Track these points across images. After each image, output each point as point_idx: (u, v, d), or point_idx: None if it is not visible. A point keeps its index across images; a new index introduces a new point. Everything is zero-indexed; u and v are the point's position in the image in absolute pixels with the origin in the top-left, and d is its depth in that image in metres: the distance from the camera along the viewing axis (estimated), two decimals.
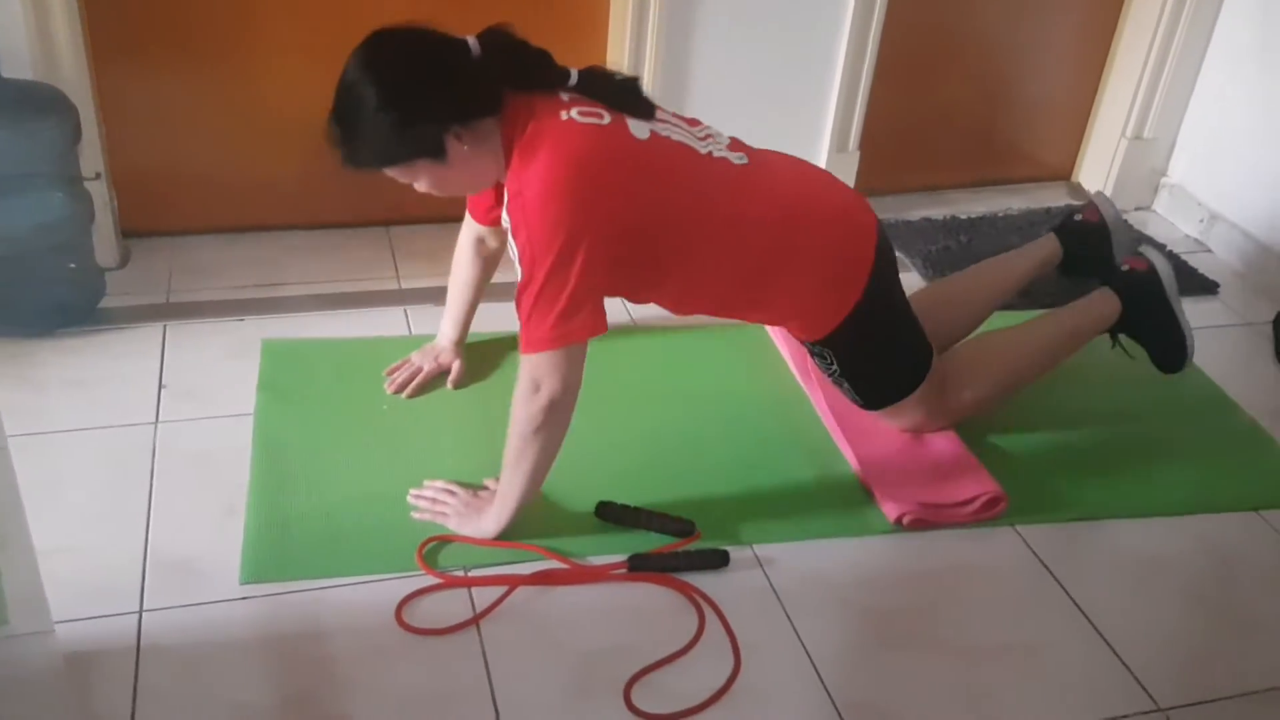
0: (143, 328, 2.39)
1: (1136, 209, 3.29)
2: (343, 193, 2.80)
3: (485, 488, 1.98)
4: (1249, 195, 3.00)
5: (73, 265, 2.34)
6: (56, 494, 1.93)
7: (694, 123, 1.96)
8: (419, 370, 2.26)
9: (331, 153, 1.78)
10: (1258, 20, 2.95)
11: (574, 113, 1.77)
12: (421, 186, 1.85)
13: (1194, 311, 2.25)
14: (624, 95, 1.84)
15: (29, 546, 1.59)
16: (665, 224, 1.82)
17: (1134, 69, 3.13)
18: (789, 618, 1.82)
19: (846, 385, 2.11)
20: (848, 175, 3.00)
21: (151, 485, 1.97)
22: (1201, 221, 3.13)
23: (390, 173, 1.82)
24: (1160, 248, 2.94)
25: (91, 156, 2.42)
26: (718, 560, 1.89)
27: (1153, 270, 2.22)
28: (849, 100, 2.89)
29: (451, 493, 1.96)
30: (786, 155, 2.07)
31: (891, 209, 3.15)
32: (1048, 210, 3.19)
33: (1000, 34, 3.14)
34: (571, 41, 2.76)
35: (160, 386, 2.22)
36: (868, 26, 2.80)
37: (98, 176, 2.44)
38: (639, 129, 1.82)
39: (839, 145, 2.95)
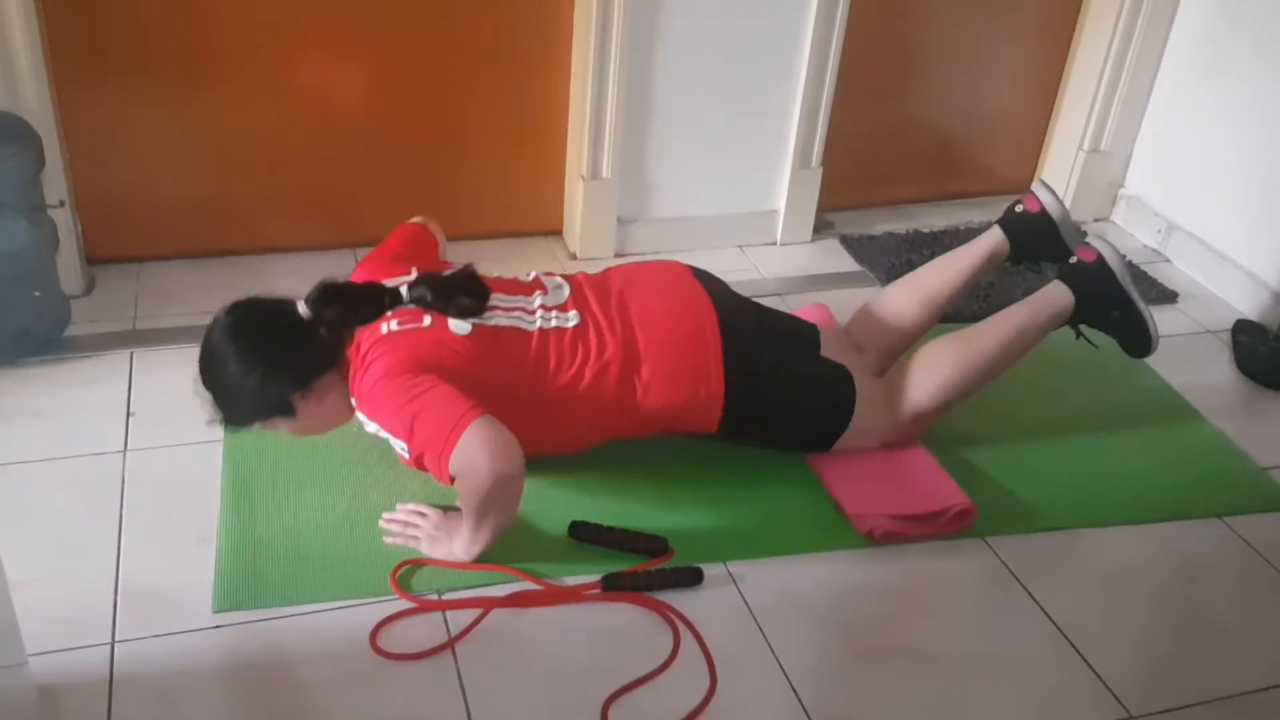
0: (109, 355, 2.37)
1: (1095, 220, 3.33)
2: (309, 215, 2.80)
3: (456, 508, 1.98)
4: (1205, 205, 3.05)
5: (37, 294, 2.33)
6: (25, 525, 1.91)
7: (532, 289, 2.05)
8: None
9: (208, 410, 1.93)
10: (1208, 35, 3.00)
11: (394, 324, 1.93)
12: (284, 433, 2.01)
13: (1157, 322, 2.27)
14: (451, 296, 1.93)
15: (2, 579, 1.58)
16: (500, 405, 1.84)
17: (1089, 84, 3.18)
18: (764, 634, 1.82)
19: (782, 447, 2.17)
20: (811, 191, 3.02)
21: (121, 514, 1.96)
22: (1159, 231, 3.18)
23: (255, 427, 1.98)
24: (1111, 246, 2.98)
25: (55, 184, 2.41)
26: (691, 578, 1.90)
27: (1101, 259, 2.24)
28: (811, 118, 2.91)
29: (423, 515, 1.97)
30: (628, 271, 2.16)
31: (854, 224, 3.18)
32: None
33: (958, 50, 3.18)
34: (536, 65, 2.77)
35: (128, 414, 2.21)
36: (828, 45, 2.82)
37: (62, 204, 2.43)
38: (459, 327, 1.93)
39: (802, 162, 2.97)
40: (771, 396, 2.10)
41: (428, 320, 1.93)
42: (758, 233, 3.05)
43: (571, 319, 2.01)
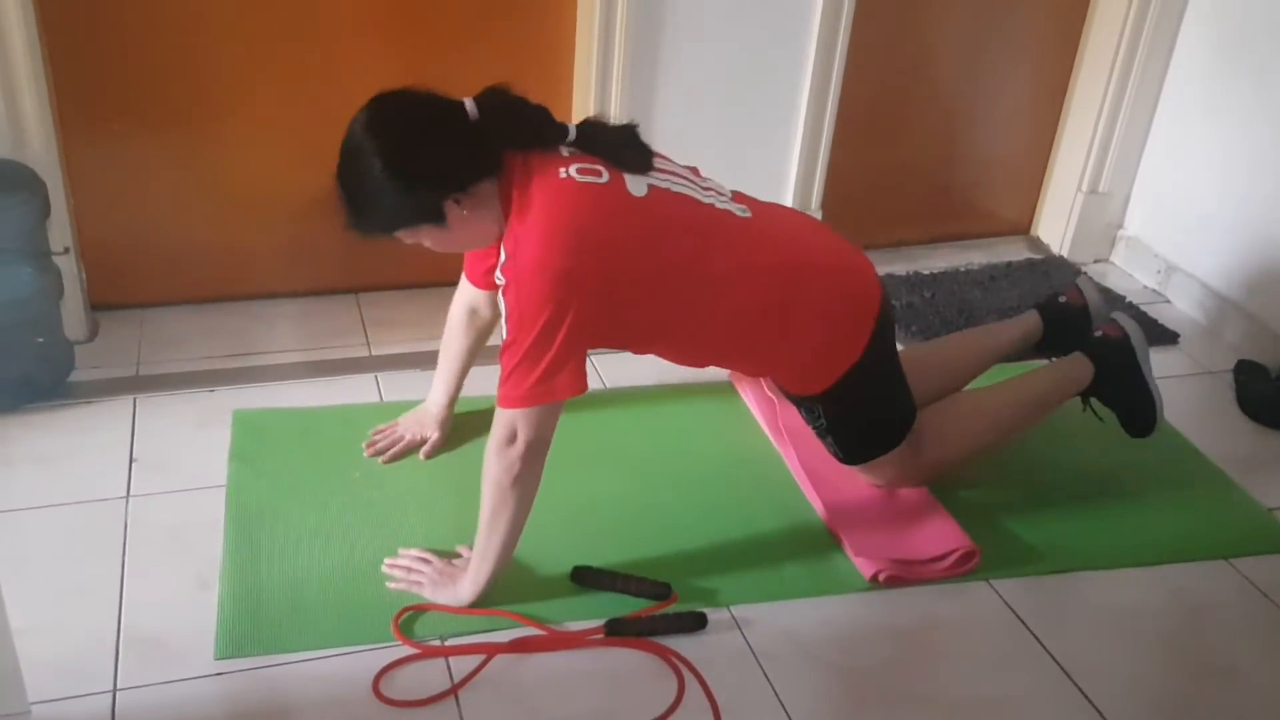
0: (112, 401, 2.38)
1: (1095, 261, 3.34)
2: (310, 261, 2.81)
3: (459, 555, 1.98)
4: (1204, 246, 3.06)
5: (41, 340, 2.33)
6: (27, 572, 1.91)
7: (695, 172, 1.99)
8: (400, 439, 2.26)
9: (337, 214, 1.79)
10: (1205, 75, 3.02)
11: (573, 170, 1.79)
12: (426, 244, 1.87)
13: (1155, 361, 2.28)
14: (621, 148, 1.85)
15: (5, 627, 1.57)
16: (663, 279, 1.83)
17: (1087, 125, 3.20)
18: (768, 679, 1.82)
19: (830, 439, 2.13)
20: None
21: (124, 561, 1.96)
22: (1159, 272, 3.19)
23: (395, 235, 1.84)
24: (1120, 299, 3.00)
25: (60, 231, 2.42)
26: (695, 623, 1.89)
27: (1125, 336, 2.26)
28: (810, 160, 2.93)
29: (426, 561, 1.96)
30: (794, 211, 2.11)
31: None
32: (1008, 264, 3.24)
33: (957, 93, 3.20)
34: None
35: (131, 460, 2.21)
36: (826, 88, 2.85)
37: (66, 251, 2.44)
38: (636, 185, 1.83)
39: (802, 204, 2.98)
40: (879, 388, 2.08)
41: (606, 176, 1.80)
42: None
43: (742, 211, 1.94)
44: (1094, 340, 2.30)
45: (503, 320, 1.79)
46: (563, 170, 1.78)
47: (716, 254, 1.88)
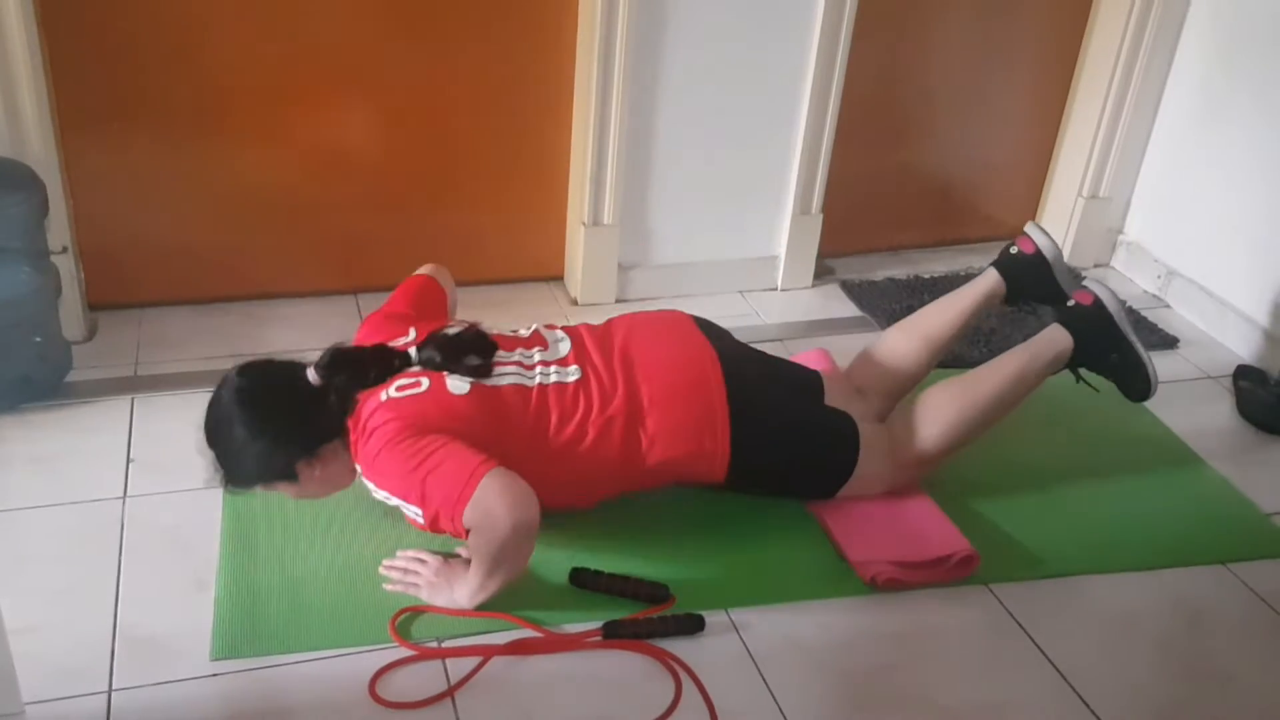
0: (110, 401, 2.37)
1: (1095, 265, 3.34)
2: (310, 262, 2.81)
3: (456, 555, 1.98)
4: (1204, 251, 3.06)
5: (39, 339, 2.33)
6: (23, 572, 1.91)
7: (532, 343, 2.05)
8: None
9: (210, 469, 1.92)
10: (1205, 81, 3.02)
11: (392, 390, 1.92)
12: (288, 495, 1.99)
13: (1155, 364, 2.28)
14: (459, 356, 1.94)
15: (0, 627, 1.57)
16: (506, 463, 1.85)
17: (1088, 130, 3.20)
18: (765, 682, 1.81)
19: (786, 496, 2.16)
20: (811, 237, 3.04)
21: (120, 561, 1.95)
22: (1159, 277, 3.19)
23: (257, 489, 1.97)
24: (1108, 289, 2.98)
25: (59, 231, 2.42)
26: (693, 626, 1.89)
27: (1099, 301, 2.25)
28: (811, 164, 2.93)
29: (423, 561, 1.96)
30: (630, 322, 2.15)
31: (855, 269, 3.19)
32: None
33: (957, 97, 3.20)
34: (538, 113, 2.80)
35: (128, 460, 2.20)
36: (827, 92, 2.85)
37: (65, 250, 2.44)
38: (457, 386, 1.92)
39: (802, 208, 2.98)
40: (777, 447, 2.09)
41: (426, 383, 1.93)
42: (759, 278, 3.06)
43: (572, 374, 2.01)
44: (1067, 310, 2.28)
45: (417, 517, 1.89)
46: (383, 394, 1.92)
47: (552, 433, 1.96)
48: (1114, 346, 2.24)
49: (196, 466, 2.14)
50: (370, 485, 1.93)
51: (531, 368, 2.01)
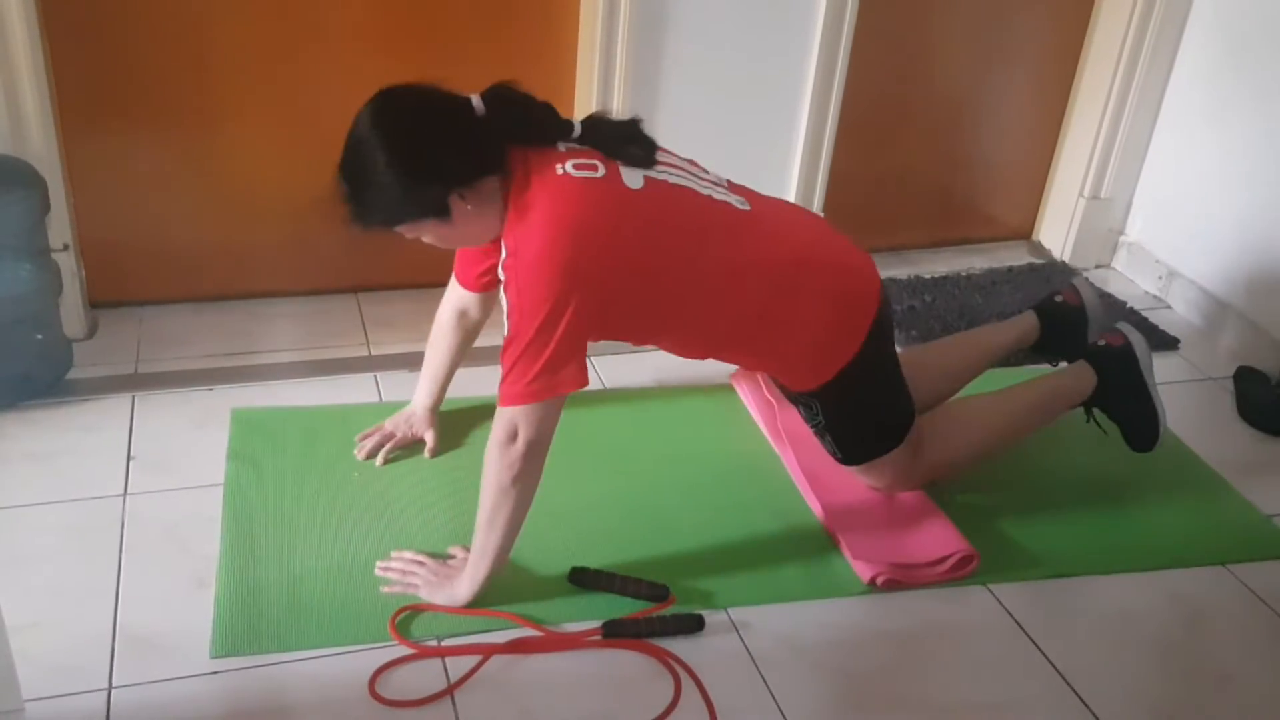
0: (110, 398, 2.37)
1: (1096, 266, 3.34)
2: (311, 260, 2.81)
3: (453, 556, 1.98)
4: (1205, 252, 3.06)
5: (39, 337, 2.33)
6: (23, 569, 1.90)
7: (694, 164, 1.99)
8: (390, 436, 2.25)
9: (338, 208, 1.79)
10: (1207, 81, 3.02)
11: (569, 166, 1.79)
12: (427, 239, 1.87)
13: (1156, 367, 2.28)
14: (622, 143, 1.86)
15: (0, 624, 1.57)
16: (659, 271, 1.83)
17: (1089, 131, 3.20)
18: (765, 682, 1.81)
19: (829, 438, 2.12)
20: None
21: (120, 559, 1.95)
22: (1160, 278, 3.19)
23: (398, 229, 1.84)
24: (1122, 306, 2.99)
25: (59, 228, 2.42)
26: (693, 625, 1.89)
27: (1128, 344, 2.25)
28: (812, 164, 2.93)
29: (420, 563, 1.96)
30: (794, 206, 2.12)
31: None
32: (1009, 269, 3.24)
33: (959, 98, 3.20)
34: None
35: (129, 458, 2.20)
36: (829, 92, 2.85)
37: (65, 248, 2.44)
38: (632, 178, 1.83)
39: (803, 207, 2.98)
40: (878, 385, 2.07)
41: (602, 170, 1.81)
42: None
43: (742, 203, 1.94)
44: (1096, 349, 2.29)
45: (504, 318, 1.79)
46: (559, 166, 1.79)
47: (715, 246, 1.88)
48: (1134, 393, 2.25)
49: (197, 464, 2.16)
50: (502, 257, 1.79)
51: (702, 180, 1.94)
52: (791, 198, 2.96)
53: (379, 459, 2.22)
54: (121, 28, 2.45)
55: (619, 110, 2.68)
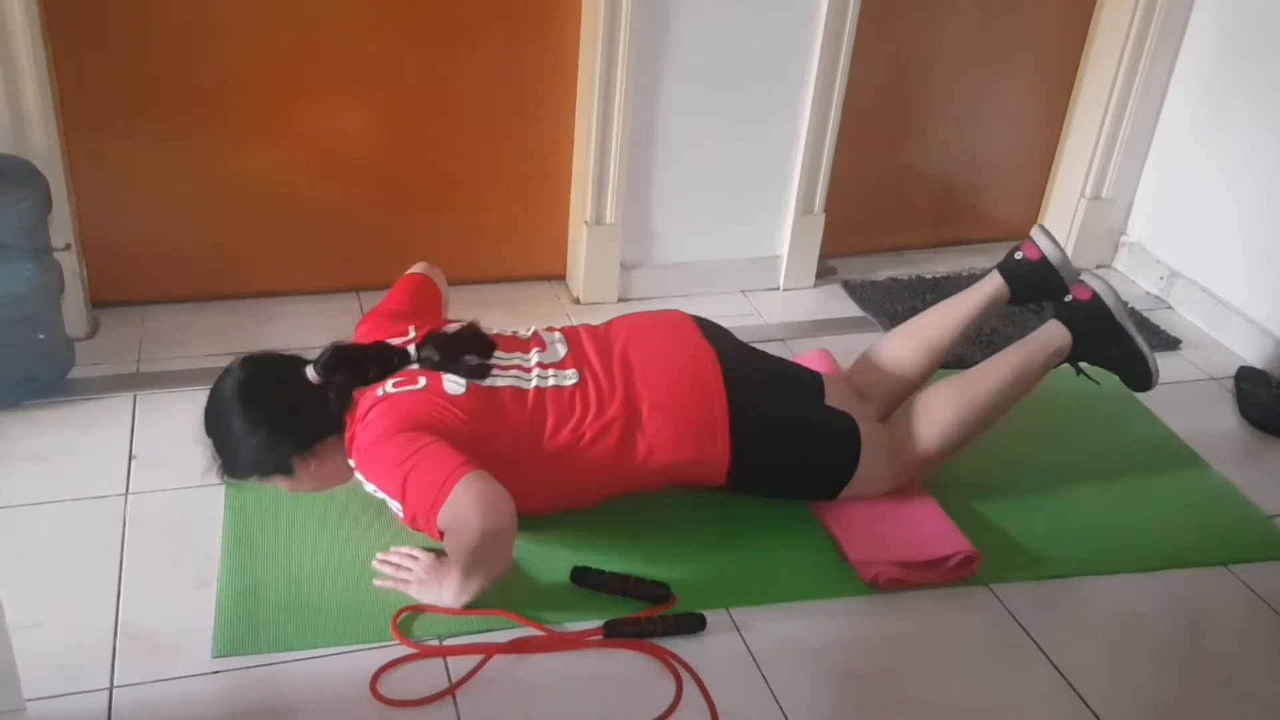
0: (112, 398, 2.37)
1: (1098, 267, 3.34)
2: (312, 259, 2.81)
3: (446, 553, 1.98)
4: (1207, 252, 3.06)
5: (41, 336, 2.33)
6: (25, 569, 1.91)
7: (529, 345, 2.05)
8: None
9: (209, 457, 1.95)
10: (1208, 82, 3.02)
11: (389, 386, 1.93)
12: (283, 489, 2.02)
13: (1155, 356, 2.27)
14: (456, 355, 1.96)
15: (1, 623, 1.57)
16: (499, 464, 1.84)
17: (1090, 131, 3.20)
18: (766, 682, 1.81)
19: (789, 497, 2.16)
20: (814, 237, 3.04)
21: (122, 558, 1.95)
22: (1161, 279, 3.19)
23: (253, 481, 2.00)
24: (1105, 283, 2.98)
25: (61, 228, 2.42)
26: (694, 625, 1.89)
27: (1096, 296, 2.24)
28: (813, 164, 2.93)
29: (415, 559, 1.96)
30: (630, 324, 2.15)
31: (857, 270, 3.19)
32: None
33: (960, 98, 3.20)
34: (540, 112, 2.80)
35: (130, 457, 2.20)
36: (830, 92, 2.85)
37: (68, 247, 2.44)
38: (454, 386, 1.93)
39: (804, 208, 2.98)
40: (779, 450, 2.09)
41: (423, 381, 1.93)
42: (761, 278, 3.06)
43: (570, 377, 2.00)
44: (1065, 306, 2.27)
45: (399, 513, 1.89)
46: (379, 390, 1.92)
47: (548, 436, 1.95)
48: (1113, 340, 2.24)
49: (198, 463, 2.15)
50: (361, 478, 1.93)
51: (529, 370, 2.01)
52: (792, 199, 2.96)
53: None
54: (123, 27, 2.45)
55: (619, 109, 2.69)
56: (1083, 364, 2.27)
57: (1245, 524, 2.28)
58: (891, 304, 2.99)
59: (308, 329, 2.68)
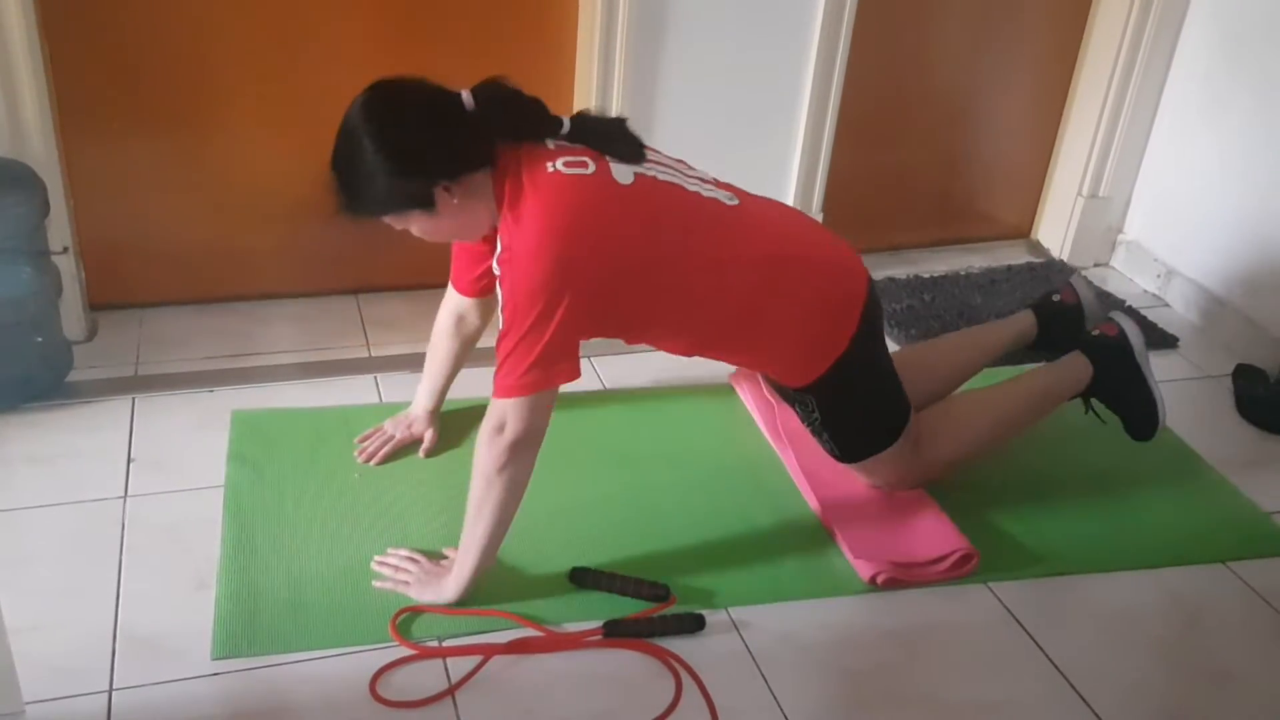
0: (111, 401, 2.37)
1: (1095, 265, 3.34)
2: (310, 262, 2.81)
3: (445, 557, 1.98)
4: (1204, 250, 3.06)
5: (39, 339, 2.33)
6: (24, 572, 1.91)
7: (682, 163, 2.00)
8: (390, 438, 2.26)
9: (328, 198, 1.81)
10: (1205, 80, 3.02)
11: (559, 164, 1.80)
12: (415, 231, 1.88)
13: (1155, 366, 2.28)
14: (611, 140, 1.87)
15: (0, 626, 1.57)
16: (651, 266, 1.84)
17: (1088, 130, 3.21)
18: (766, 681, 1.81)
19: (826, 435, 2.12)
20: None
21: (121, 560, 1.95)
22: (1159, 277, 3.19)
23: (385, 219, 1.85)
24: (1120, 304, 2.99)
25: (59, 231, 2.42)
26: (693, 624, 1.89)
27: (1123, 335, 2.26)
28: (811, 164, 2.93)
29: (414, 560, 1.96)
30: (780, 204, 2.11)
31: None
32: (1008, 268, 3.24)
33: (957, 97, 3.20)
34: None
35: (129, 460, 2.20)
36: (827, 92, 2.85)
37: (65, 250, 2.44)
38: (623, 174, 1.84)
39: (802, 207, 2.98)
40: (868, 381, 2.08)
41: (592, 167, 1.82)
42: None
43: (730, 198, 1.95)
44: (1091, 339, 2.29)
45: (499, 311, 1.80)
46: (550, 164, 1.80)
47: (704, 242, 1.89)
48: (1131, 382, 2.25)
49: (198, 465, 2.16)
50: (497, 253, 1.83)
51: (690, 176, 1.95)
52: (790, 197, 2.96)
53: (375, 460, 2.22)
54: (121, 30, 2.45)
55: (616, 107, 2.69)
56: (1094, 402, 2.29)
57: (1242, 521, 2.29)
58: (889, 303, 2.99)
59: (307, 332, 2.68)
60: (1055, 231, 3.37)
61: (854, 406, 2.10)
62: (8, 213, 2.21)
